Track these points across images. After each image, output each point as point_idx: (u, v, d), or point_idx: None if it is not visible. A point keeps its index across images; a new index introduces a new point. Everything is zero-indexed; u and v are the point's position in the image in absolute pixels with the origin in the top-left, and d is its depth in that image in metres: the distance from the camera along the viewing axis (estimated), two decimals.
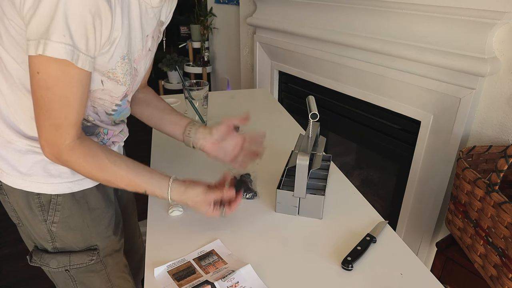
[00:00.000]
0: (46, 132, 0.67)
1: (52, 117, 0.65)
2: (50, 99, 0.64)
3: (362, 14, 1.50)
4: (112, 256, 0.92)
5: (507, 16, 1.06)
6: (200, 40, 3.30)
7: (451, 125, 1.27)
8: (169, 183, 0.78)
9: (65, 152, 0.69)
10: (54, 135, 0.67)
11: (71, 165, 0.72)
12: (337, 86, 1.75)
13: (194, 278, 0.70)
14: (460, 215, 1.12)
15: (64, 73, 0.62)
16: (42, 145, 0.69)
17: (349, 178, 1.07)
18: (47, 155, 0.70)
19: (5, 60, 0.68)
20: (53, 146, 0.69)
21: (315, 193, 0.87)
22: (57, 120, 0.66)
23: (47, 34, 0.57)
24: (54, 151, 0.69)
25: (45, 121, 0.66)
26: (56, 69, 0.61)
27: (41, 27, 0.57)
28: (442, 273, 1.21)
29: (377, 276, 0.72)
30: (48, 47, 0.58)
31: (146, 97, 0.98)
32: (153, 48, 0.83)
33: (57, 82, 0.62)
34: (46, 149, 0.69)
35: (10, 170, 0.76)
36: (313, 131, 0.90)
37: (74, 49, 0.60)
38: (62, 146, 0.68)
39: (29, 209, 0.80)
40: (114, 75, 0.72)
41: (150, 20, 0.76)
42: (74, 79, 0.64)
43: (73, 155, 0.70)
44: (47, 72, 0.61)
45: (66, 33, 0.58)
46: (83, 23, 0.59)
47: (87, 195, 0.84)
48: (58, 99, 0.64)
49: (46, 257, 0.85)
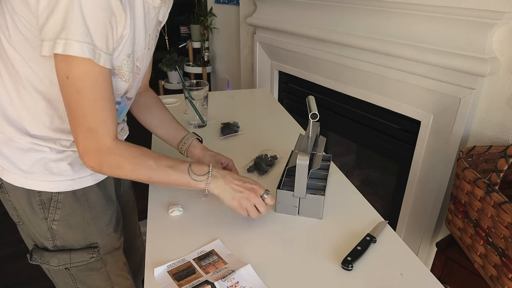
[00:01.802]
0: (84, 138, 0.67)
1: (87, 121, 0.66)
2: (82, 102, 0.64)
3: (362, 14, 1.50)
4: (112, 254, 0.92)
5: (507, 16, 1.06)
6: (200, 40, 3.30)
7: (451, 125, 1.27)
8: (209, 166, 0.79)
9: (107, 154, 0.69)
10: (93, 140, 0.67)
11: (115, 166, 0.71)
12: (337, 86, 1.75)
13: (194, 278, 0.70)
14: (460, 215, 1.12)
15: (90, 74, 0.63)
16: (81, 154, 0.69)
17: (349, 178, 1.07)
18: (88, 163, 0.70)
19: (11, 57, 0.68)
20: (92, 152, 0.68)
21: (315, 193, 0.87)
22: (93, 123, 0.66)
23: (67, 34, 0.58)
24: (95, 158, 0.69)
25: (81, 127, 0.66)
26: (82, 70, 0.62)
27: (58, 27, 0.58)
28: (442, 273, 1.21)
29: (377, 276, 0.72)
30: (70, 47, 0.58)
31: (147, 102, 1.00)
32: (151, 47, 0.84)
33: (85, 83, 0.63)
34: (86, 159, 0.69)
35: (11, 168, 0.77)
36: (313, 131, 0.90)
37: (94, 48, 0.61)
38: (103, 148, 0.68)
39: (30, 207, 0.80)
40: (119, 72, 0.73)
41: (151, 20, 0.78)
42: (100, 79, 0.64)
43: (115, 155, 0.70)
44: (74, 75, 0.62)
45: (87, 33, 0.59)
46: (102, 22, 0.60)
47: (88, 193, 0.85)
48: (89, 101, 0.64)
49: (47, 255, 0.85)
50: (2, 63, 0.70)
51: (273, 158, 1.13)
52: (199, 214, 0.86)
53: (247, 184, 0.79)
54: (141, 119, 1.01)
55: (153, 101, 1.01)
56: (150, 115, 1.00)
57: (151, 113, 1.00)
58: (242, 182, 0.79)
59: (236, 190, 0.78)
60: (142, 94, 1.00)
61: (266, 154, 1.14)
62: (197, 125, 1.37)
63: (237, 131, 1.33)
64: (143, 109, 0.99)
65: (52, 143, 0.76)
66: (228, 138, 1.30)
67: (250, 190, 0.79)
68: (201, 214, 0.85)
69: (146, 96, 1.01)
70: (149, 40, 0.80)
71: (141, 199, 1.02)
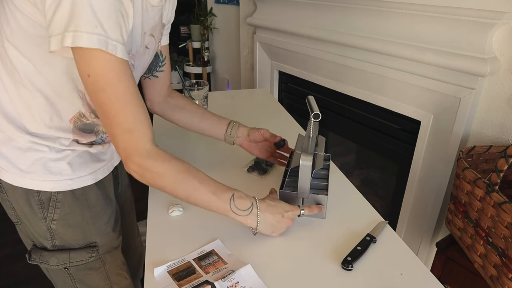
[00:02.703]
0: (123, 141, 0.65)
1: (121, 121, 0.63)
2: (110, 100, 0.62)
3: (362, 14, 1.50)
4: (111, 253, 0.92)
5: (507, 16, 1.06)
6: (200, 40, 3.30)
7: (451, 125, 1.27)
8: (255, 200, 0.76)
9: (150, 157, 0.66)
10: (132, 140, 0.65)
11: (159, 172, 0.67)
12: (337, 86, 1.75)
13: (194, 278, 0.70)
14: (460, 215, 1.12)
15: (109, 68, 0.60)
16: (123, 158, 0.66)
17: (349, 178, 1.07)
18: (130, 167, 0.66)
19: (11, 54, 0.68)
20: (134, 154, 0.65)
21: (318, 193, 0.87)
22: (127, 123, 0.64)
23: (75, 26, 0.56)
24: (136, 159, 0.65)
25: (117, 129, 0.64)
26: (101, 65, 0.60)
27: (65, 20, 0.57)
28: (442, 273, 1.21)
29: (377, 276, 0.72)
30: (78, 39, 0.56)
31: (179, 103, 1.01)
32: (151, 47, 0.83)
33: (107, 79, 0.61)
34: (129, 161, 0.66)
35: (10, 168, 0.76)
36: (313, 131, 0.90)
37: (107, 39, 0.59)
38: (143, 151, 0.65)
39: (28, 206, 0.80)
40: None
41: (149, 18, 0.77)
42: (121, 72, 0.62)
43: (157, 159, 0.67)
44: (95, 72, 0.60)
45: (97, 23, 0.57)
46: (113, 11, 0.59)
47: (87, 192, 0.85)
48: (117, 98, 0.62)
49: (46, 255, 0.85)
50: (1, 61, 0.70)
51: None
52: (199, 214, 0.86)
53: (286, 218, 0.79)
54: (176, 120, 1.01)
55: (185, 101, 1.03)
56: (187, 114, 1.00)
57: (187, 112, 1.01)
58: (281, 216, 0.78)
59: (276, 227, 0.78)
60: (171, 96, 1.02)
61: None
62: None
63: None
64: (176, 110, 1.00)
65: (51, 142, 0.76)
66: None
67: (288, 222, 0.80)
68: (201, 214, 0.85)
69: (175, 97, 1.02)
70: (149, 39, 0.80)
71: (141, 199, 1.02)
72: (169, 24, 0.94)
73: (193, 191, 0.71)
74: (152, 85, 0.97)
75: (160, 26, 0.84)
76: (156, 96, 0.99)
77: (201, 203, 0.73)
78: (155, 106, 1.00)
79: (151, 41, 0.81)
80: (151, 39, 0.81)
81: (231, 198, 0.73)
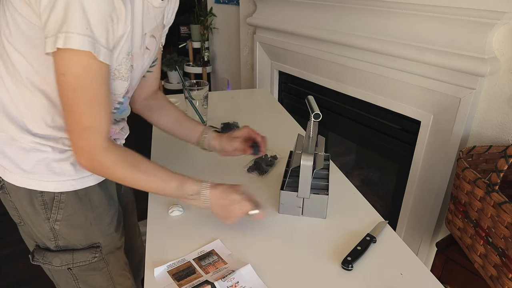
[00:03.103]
0: (78, 137, 0.68)
1: (82, 120, 0.66)
2: (77, 100, 0.64)
3: (362, 14, 1.50)
4: (113, 253, 0.92)
5: (507, 16, 1.06)
6: (200, 40, 3.30)
7: (451, 125, 1.27)
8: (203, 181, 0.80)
9: (100, 153, 0.69)
10: (87, 138, 0.67)
11: (107, 167, 0.71)
12: (337, 86, 1.75)
13: (194, 278, 0.70)
14: (460, 215, 1.12)
15: (87, 70, 0.62)
16: (75, 152, 0.69)
17: (349, 178, 1.07)
18: (81, 162, 0.70)
19: (11, 56, 0.68)
20: (87, 151, 0.69)
21: (319, 193, 0.87)
22: (87, 121, 0.66)
23: (67, 27, 0.57)
24: (89, 156, 0.69)
25: (76, 125, 0.66)
26: (79, 66, 0.61)
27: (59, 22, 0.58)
28: (442, 273, 1.21)
29: (377, 276, 0.72)
30: (70, 40, 0.58)
31: (159, 104, 1.01)
32: (152, 48, 0.83)
33: (81, 80, 0.62)
34: (80, 157, 0.70)
35: (13, 168, 0.77)
36: (313, 131, 0.90)
37: (95, 42, 0.60)
38: (97, 148, 0.69)
39: (31, 207, 0.80)
40: (119, 73, 0.72)
41: (150, 20, 0.77)
42: (97, 75, 0.64)
43: (110, 155, 0.70)
44: (71, 71, 0.61)
45: (88, 26, 0.58)
46: (103, 15, 0.60)
47: (90, 193, 0.85)
48: (85, 99, 0.64)
49: (49, 256, 0.85)
50: (2, 63, 0.70)
51: (273, 158, 1.13)
52: (199, 214, 0.86)
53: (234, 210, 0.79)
54: (155, 121, 1.01)
55: (165, 103, 1.02)
56: (165, 116, 1.01)
57: (166, 114, 1.01)
58: (228, 206, 0.79)
59: (224, 215, 0.80)
60: (153, 97, 1.01)
61: (266, 154, 1.14)
62: None
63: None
64: (156, 111, 1.00)
65: (54, 142, 0.76)
66: None
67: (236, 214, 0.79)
68: (201, 214, 0.85)
69: (157, 98, 1.02)
70: (150, 40, 0.80)
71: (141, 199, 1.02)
72: (168, 26, 0.94)
73: (142, 182, 0.75)
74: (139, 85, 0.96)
75: (161, 27, 0.84)
76: (140, 95, 0.98)
77: (154, 192, 0.79)
78: (136, 106, 1.00)
79: (151, 42, 0.81)
80: (152, 40, 0.81)
81: (179, 185, 0.77)
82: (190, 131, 1.00)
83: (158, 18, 0.80)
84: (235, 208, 0.78)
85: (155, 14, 0.77)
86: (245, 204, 0.79)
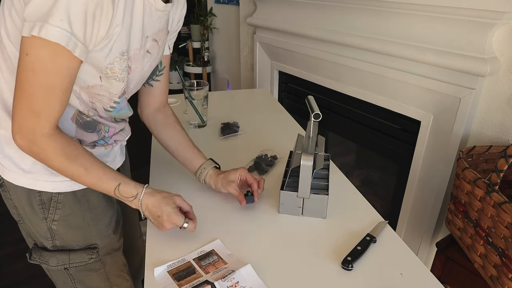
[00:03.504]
0: (23, 117, 0.65)
1: (33, 102, 0.64)
2: (33, 83, 0.62)
3: (362, 14, 1.50)
4: (111, 255, 0.92)
5: (507, 16, 1.06)
6: (200, 40, 3.30)
7: (451, 125, 1.27)
8: (143, 186, 0.78)
9: (41, 139, 0.67)
10: (31, 122, 0.65)
11: (45, 153, 0.68)
12: (337, 86, 1.75)
13: (194, 278, 0.70)
14: (460, 215, 1.12)
15: (54, 59, 0.61)
16: (14, 130, 0.66)
17: (349, 178, 1.07)
18: (18, 141, 0.67)
19: (11, 54, 0.68)
20: (28, 132, 0.66)
21: (319, 193, 0.87)
22: (38, 106, 0.64)
23: (46, 17, 0.57)
24: (28, 137, 0.66)
25: (24, 105, 0.64)
26: (48, 53, 0.60)
27: (40, 10, 0.57)
28: (442, 273, 1.21)
29: (377, 276, 0.72)
30: (43, 30, 0.57)
31: (165, 122, 0.98)
32: (153, 52, 0.81)
33: (44, 66, 0.61)
34: (18, 135, 0.66)
35: (12, 167, 0.77)
36: (313, 131, 0.90)
37: (71, 36, 0.59)
38: (39, 133, 0.66)
39: (30, 206, 0.80)
40: (112, 72, 0.71)
41: (153, 22, 0.76)
42: (63, 67, 0.63)
43: (50, 143, 0.68)
44: (37, 54, 0.60)
45: (65, 18, 0.58)
46: (84, 10, 0.59)
47: (88, 194, 0.85)
48: (42, 84, 0.63)
49: (46, 255, 0.85)
50: (3, 60, 0.70)
51: (273, 158, 1.13)
52: (199, 214, 0.86)
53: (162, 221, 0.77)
54: (158, 138, 0.99)
55: (171, 122, 0.98)
56: (168, 136, 0.98)
57: (170, 136, 0.98)
58: (157, 216, 0.77)
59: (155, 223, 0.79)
60: (161, 111, 0.98)
61: (266, 154, 1.14)
62: (197, 125, 1.37)
63: (237, 131, 1.33)
64: (161, 128, 0.98)
65: None
66: (228, 138, 1.30)
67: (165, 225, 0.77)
68: (201, 214, 0.85)
69: (165, 114, 0.99)
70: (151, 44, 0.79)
71: None
72: (175, 34, 0.93)
73: (78, 178, 0.73)
74: (146, 93, 0.95)
75: (165, 32, 0.83)
76: (147, 106, 0.97)
77: (90, 187, 0.76)
78: (144, 116, 0.98)
79: (153, 46, 0.80)
80: (154, 44, 0.80)
81: (116, 187, 0.75)
82: (189, 161, 0.97)
83: (162, 21, 0.79)
84: (164, 220, 0.76)
85: (158, 17, 0.77)
86: (174, 218, 0.76)
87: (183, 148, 0.97)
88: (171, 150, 0.98)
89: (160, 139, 0.99)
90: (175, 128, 0.98)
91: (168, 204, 0.77)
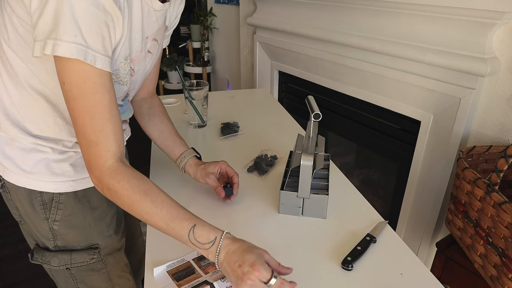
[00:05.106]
0: (85, 152, 0.64)
1: (86, 132, 0.62)
2: (79, 111, 0.61)
3: (362, 14, 1.50)
4: (113, 255, 0.92)
5: (507, 16, 1.06)
6: (200, 40, 3.30)
7: (451, 125, 1.27)
8: (223, 231, 0.66)
9: (108, 173, 0.64)
10: (93, 154, 0.63)
11: (115, 190, 0.64)
12: (337, 86, 1.75)
13: (194, 278, 0.70)
14: (460, 215, 1.12)
15: (82, 77, 0.60)
16: (87, 168, 0.65)
17: (349, 178, 1.07)
18: (92, 181, 0.66)
19: (10, 58, 0.68)
20: (94, 167, 0.64)
21: (319, 193, 0.87)
22: (92, 135, 0.62)
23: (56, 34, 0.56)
24: (96, 173, 0.64)
25: (81, 138, 0.63)
26: (76, 74, 0.59)
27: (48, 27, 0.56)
28: (442, 273, 1.21)
29: (377, 276, 0.72)
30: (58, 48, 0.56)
31: (150, 112, 0.99)
32: (154, 51, 0.82)
33: (80, 89, 0.60)
34: (90, 173, 0.65)
35: (13, 168, 0.77)
36: (313, 131, 0.90)
37: (87, 49, 0.58)
38: (104, 166, 0.63)
39: (31, 207, 0.80)
40: (117, 77, 0.72)
41: (152, 23, 0.76)
42: (96, 84, 0.61)
43: (115, 177, 0.64)
44: (70, 80, 0.60)
45: (78, 33, 0.57)
46: (95, 21, 0.58)
47: (89, 194, 0.85)
48: (85, 110, 0.61)
49: (47, 255, 0.85)
50: (2, 65, 0.70)
51: (273, 158, 1.13)
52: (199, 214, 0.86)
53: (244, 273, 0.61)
54: (142, 126, 1.00)
55: (156, 110, 0.99)
56: (151, 124, 0.98)
57: (152, 123, 0.98)
58: (238, 266, 0.62)
59: (233, 277, 0.63)
60: (147, 101, 0.99)
61: (266, 154, 1.14)
62: (197, 125, 1.37)
63: (237, 131, 1.33)
64: (145, 116, 0.98)
65: (54, 144, 0.76)
66: (228, 138, 1.30)
67: (247, 280, 0.61)
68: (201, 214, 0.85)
69: (151, 103, 1.00)
70: (152, 43, 0.79)
71: None
72: (172, 29, 0.93)
73: (148, 216, 0.65)
74: None
75: (163, 29, 0.83)
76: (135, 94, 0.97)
77: (159, 229, 0.66)
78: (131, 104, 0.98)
79: (153, 46, 0.80)
80: (154, 44, 0.80)
81: (190, 230, 0.65)
82: (171, 149, 0.97)
83: (160, 21, 0.79)
84: (245, 271, 0.61)
85: (156, 17, 0.77)
86: (260, 268, 0.60)
87: (165, 137, 0.98)
88: (154, 138, 0.99)
89: (143, 127, 0.99)
90: (159, 118, 0.99)
91: (254, 253, 0.63)
